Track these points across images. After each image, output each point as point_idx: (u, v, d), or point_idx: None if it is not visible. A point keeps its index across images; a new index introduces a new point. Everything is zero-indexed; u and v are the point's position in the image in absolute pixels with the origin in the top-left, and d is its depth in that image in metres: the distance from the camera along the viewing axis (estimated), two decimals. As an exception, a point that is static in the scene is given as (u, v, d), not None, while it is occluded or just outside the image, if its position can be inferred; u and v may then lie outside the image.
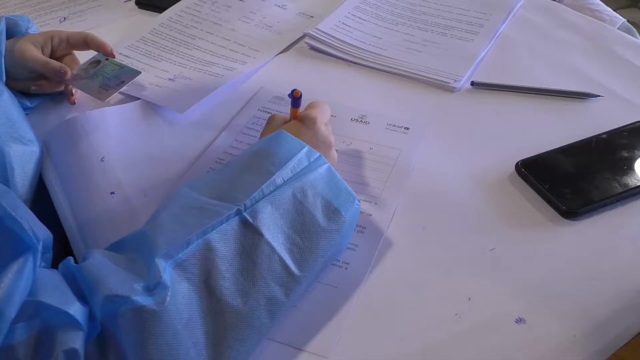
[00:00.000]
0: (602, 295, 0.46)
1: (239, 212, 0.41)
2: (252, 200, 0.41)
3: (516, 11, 0.82)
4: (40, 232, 0.35)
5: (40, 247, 0.34)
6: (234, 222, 0.40)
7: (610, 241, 0.50)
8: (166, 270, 0.36)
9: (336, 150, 0.55)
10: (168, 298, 0.35)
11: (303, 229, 0.43)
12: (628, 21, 1.15)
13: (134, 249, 0.40)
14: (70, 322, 0.33)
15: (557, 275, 0.48)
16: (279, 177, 0.43)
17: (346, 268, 0.48)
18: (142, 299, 0.34)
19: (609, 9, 1.17)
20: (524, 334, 0.44)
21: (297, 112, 0.53)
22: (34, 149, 0.56)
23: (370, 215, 0.53)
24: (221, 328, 0.38)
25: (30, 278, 0.33)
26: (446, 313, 0.45)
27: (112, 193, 0.55)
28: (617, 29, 1.02)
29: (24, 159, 0.54)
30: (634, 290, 0.46)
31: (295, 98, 0.52)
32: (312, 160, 0.46)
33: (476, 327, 0.44)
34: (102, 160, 0.57)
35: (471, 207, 0.54)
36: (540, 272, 0.48)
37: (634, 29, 1.11)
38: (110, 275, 0.36)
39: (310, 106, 0.54)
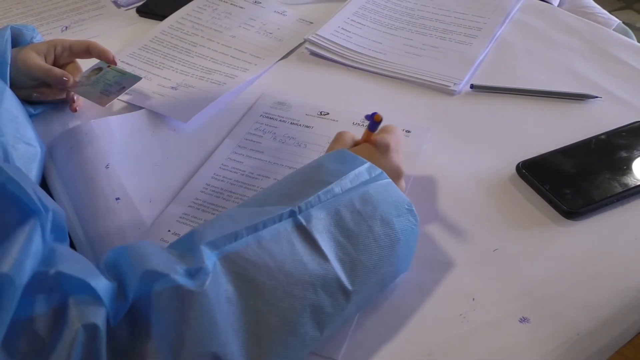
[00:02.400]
0: (604, 293, 0.46)
1: (292, 214, 0.40)
2: (308, 204, 0.40)
3: (513, 14, 0.83)
4: (50, 203, 0.34)
5: (50, 217, 0.33)
6: (287, 224, 0.39)
7: (612, 240, 0.51)
8: (210, 258, 0.36)
9: None
10: (208, 282, 0.34)
11: (358, 241, 0.41)
12: (623, 23, 1.16)
13: (185, 245, 0.38)
14: (92, 295, 0.32)
15: (559, 275, 0.48)
16: (337, 187, 0.42)
17: (351, 270, 0.49)
18: (181, 279, 0.33)
19: (604, 11, 1.18)
20: (528, 333, 0.44)
21: (371, 135, 0.50)
22: (36, 150, 0.56)
23: (374, 218, 0.53)
24: (264, 328, 0.36)
25: (40, 244, 0.32)
26: (451, 313, 0.46)
27: (117, 199, 0.55)
28: (613, 30, 1.03)
29: (27, 158, 0.54)
30: (636, 288, 0.47)
31: (375, 122, 0.49)
32: (373, 175, 0.44)
33: (481, 327, 0.45)
34: (106, 167, 0.58)
35: (473, 209, 0.54)
36: (543, 271, 0.48)
37: (630, 30, 1.12)
38: (155, 255, 0.35)
39: (384, 130, 0.51)
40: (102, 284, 0.33)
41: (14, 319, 0.30)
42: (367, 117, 0.49)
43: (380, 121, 0.49)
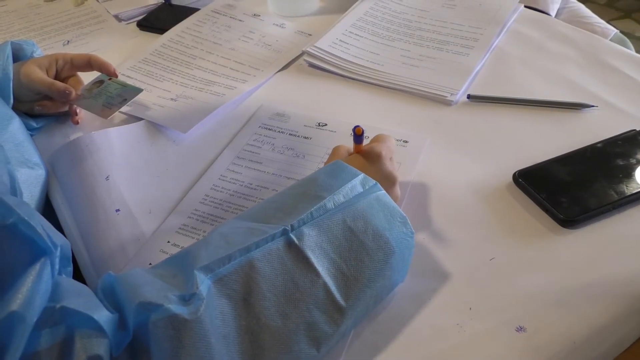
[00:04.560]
0: (601, 301, 0.46)
1: (285, 232, 0.40)
2: (300, 222, 0.41)
3: (509, 25, 0.84)
4: (57, 239, 0.35)
5: (58, 253, 0.34)
6: (279, 242, 0.40)
7: (608, 248, 0.51)
8: (204, 283, 0.36)
9: None
10: (202, 309, 0.35)
11: (350, 256, 0.41)
12: (622, 32, 1.17)
13: (178, 264, 0.39)
14: (95, 328, 0.33)
15: (556, 283, 0.48)
16: (330, 202, 0.42)
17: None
18: (175, 308, 0.34)
19: (601, 20, 1.19)
20: (524, 342, 0.44)
21: (361, 147, 0.52)
22: (40, 173, 0.57)
23: (371, 227, 0.54)
24: (259, 348, 0.37)
25: (49, 282, 0.33)
26: (448, 323, 0.46)
27: (117, 210, 0.56)
28: (610, 39, 1.04)
29: (30, 182, 0.55)
30: (632, 296, 0.47)
31: (357, 135, 0.50)
32: (367, 187, 0.44)
33: (477, 336, 0.45)
34: (107, 178, 0.59)
35: (470, 218, 0.55)
36: (539, 280, 0.49)
37: (627, 40, 1.13)
38: (147, 285, 0.36)
39: (375, 140, 0.53)
40: (104, 317, 0.34)
41: (21, 354, 0.31)
42: (353, 130, 0.50)
43: (361, 133, 0.50)
